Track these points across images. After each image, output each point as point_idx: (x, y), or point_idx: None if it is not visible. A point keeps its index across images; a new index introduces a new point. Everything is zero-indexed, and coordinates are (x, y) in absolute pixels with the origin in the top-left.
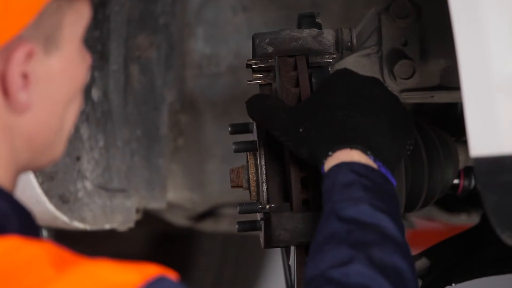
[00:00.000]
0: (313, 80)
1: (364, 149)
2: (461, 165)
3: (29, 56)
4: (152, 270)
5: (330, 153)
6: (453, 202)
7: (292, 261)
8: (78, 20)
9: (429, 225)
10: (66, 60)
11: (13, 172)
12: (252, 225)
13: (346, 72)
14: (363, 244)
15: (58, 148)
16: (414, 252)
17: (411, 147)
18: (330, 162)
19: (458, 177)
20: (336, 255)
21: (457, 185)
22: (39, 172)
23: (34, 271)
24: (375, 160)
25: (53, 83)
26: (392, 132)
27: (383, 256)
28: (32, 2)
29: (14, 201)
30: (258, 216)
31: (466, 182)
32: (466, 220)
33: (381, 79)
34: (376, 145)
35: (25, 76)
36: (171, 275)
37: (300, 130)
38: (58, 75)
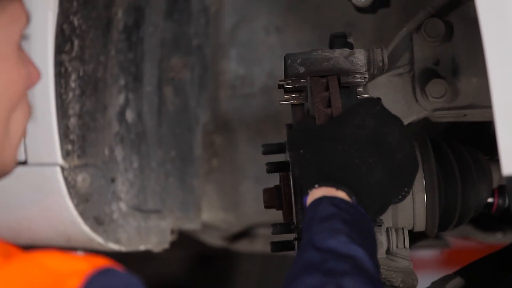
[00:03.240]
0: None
1: (350, 193)
2: (495, 184)
3: None
4: (101, 261)
5: (316, 185)
6: (488, 220)
7: None
8: (11, 23)
9: (464, 244)
10: None
11: None
12: (286, 245)
13: (372, 102)
14: (336, 273)
15: (7, 158)
16: (449, 271)
17: (405, 194)
18: (314, 195)
19: (492, 195)
20: (309, 283)
21: (491, 204)
22: (74, 193)
23: None
24: (357, 205)
25: None
26: (387, 182)
27: (354, 286)
28: None
29: None
30: (292, 235)
31: (500, 201)
32: (502, 239)
33: (413, 98)
34: (362, 192)
35: None
36: (121, 269)
37: (301, 151)
38: None
